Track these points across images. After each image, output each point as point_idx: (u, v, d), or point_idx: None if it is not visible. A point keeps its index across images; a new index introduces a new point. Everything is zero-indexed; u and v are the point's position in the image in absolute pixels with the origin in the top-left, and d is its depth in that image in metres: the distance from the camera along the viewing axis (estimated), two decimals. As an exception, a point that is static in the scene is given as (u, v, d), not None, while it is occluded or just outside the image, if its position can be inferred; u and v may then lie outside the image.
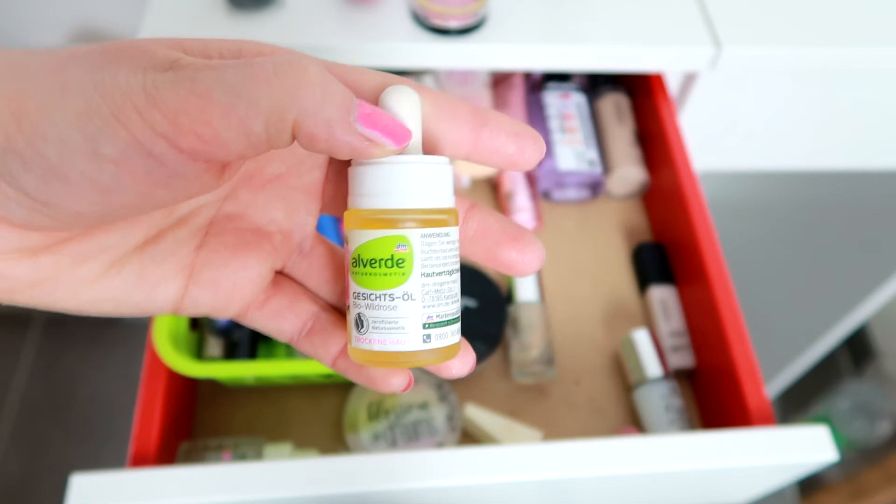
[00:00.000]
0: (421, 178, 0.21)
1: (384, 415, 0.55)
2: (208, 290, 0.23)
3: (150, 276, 0.23)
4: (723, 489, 0.53)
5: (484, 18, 0.62)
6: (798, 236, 1.25)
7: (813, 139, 0.79)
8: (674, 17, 0.66)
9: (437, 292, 0.21)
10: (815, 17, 0.67)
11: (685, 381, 0.62)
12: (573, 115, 0.70)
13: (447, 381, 0.57)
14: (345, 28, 0.61)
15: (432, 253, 0.21)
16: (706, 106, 0.73)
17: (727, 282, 0.56)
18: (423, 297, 0.21)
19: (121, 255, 0.22)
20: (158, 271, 0.23)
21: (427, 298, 0.21)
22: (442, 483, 0.42)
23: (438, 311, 0.21)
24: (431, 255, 0.21)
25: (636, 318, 0.65)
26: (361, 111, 0.19)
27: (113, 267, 0.22)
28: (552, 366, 0.59)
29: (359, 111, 0.19)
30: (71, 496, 0.41)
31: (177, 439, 0.53)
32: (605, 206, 0.72)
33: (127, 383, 1.42)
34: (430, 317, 0.21)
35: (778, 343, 1.29)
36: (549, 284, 0.66)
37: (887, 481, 1.30)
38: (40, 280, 0.21)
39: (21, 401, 1.40)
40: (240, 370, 0.52)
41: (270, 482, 0.41)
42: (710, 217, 0.60)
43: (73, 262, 0.21)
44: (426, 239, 0.21)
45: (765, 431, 0.46)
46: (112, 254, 0.22)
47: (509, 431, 0.55)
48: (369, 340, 0.21)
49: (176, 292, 0.23)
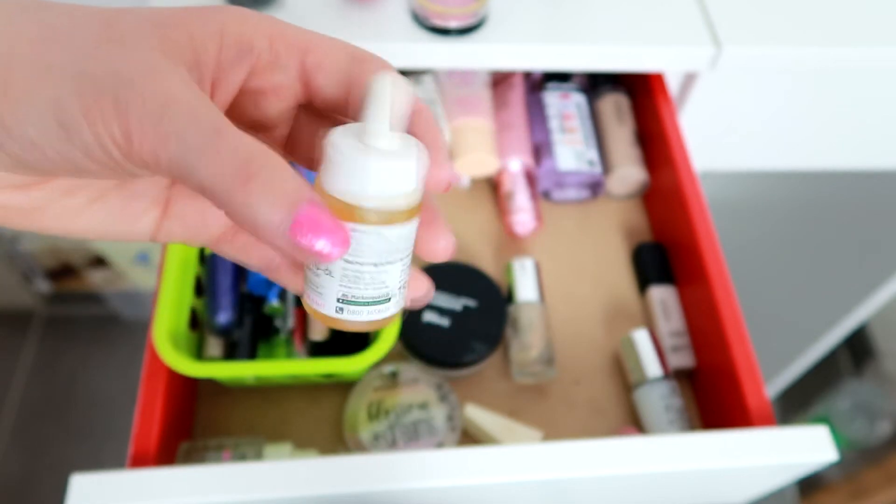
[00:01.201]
0: (367, 177, 0.22)
1: (384, 415, 0.55)
2: (179, 222, 0.26)
3: (130, 209, 0.25)
4: (723, 489, 0.53)
5: (484, 18, 0.62)
6: (798, 236, 1.25)
7: (813, 139, 0.80)
8: (674, 16, 0.66)
9: (356, 278, 0.23)
10: (815, 17, 0.67)
11: (685, 381, 0.62)
12: (573, 115, 0.70)
13: (447, 382, 0.57)
14: (345, 28, 0.61)
15: (357, 245, 0.22)
16: (706, 106, 0.73)
17: (727, 282, 0.56)
18: (340, 277, 0.23)
19: (103, 191, 0.24)
20: (137, 205, 0.25)
21: (345, 280, 0.23)
22: (442, 483, 0.42)
23: (354, 293, 0.24)
24: (357, 246, 0.22)
25: (636, 318, 0.65)
26: (297, 221, 0.20)
27: (97, 200, 0.24)
28: (552, 366, 0.59)
29: (293, 221, 0.20)
30: (71, 496, 0.41)
31: (177, 439, 0.53)
32: (605, 206, 0.72)
33: (127, 383, 1.43)
34: (346, 294, 0.24)
35: (778, 343, 1.29)
36: (549, 284, 0.66)
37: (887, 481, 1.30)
38: (32, 209, 0.23)
39: (21, 401, 1.40)
40: (240, 370, 0.52)
41: (270, 482, 0.41)
42: (710, 217, 0.60)
43: (60, 195, 0.23)
44: (352, 233, 0.22)
45: (765, 432, 0.46)
46: (95, 189, 0.24)
47: (509, 431, 0.55)
48: (307, 293, 0.24)
49: (152, 224, 0.25)
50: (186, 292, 0.53)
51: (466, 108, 0.68)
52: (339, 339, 0.58)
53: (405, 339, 0.58)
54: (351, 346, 0.57)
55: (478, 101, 0.69)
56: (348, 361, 0.50)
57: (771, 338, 1.28)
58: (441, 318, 0.58)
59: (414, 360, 0.59)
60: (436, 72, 0.71)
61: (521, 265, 0.62)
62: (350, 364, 0.50)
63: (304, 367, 0.52)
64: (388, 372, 0.57)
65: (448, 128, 0.67)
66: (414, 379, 0.57)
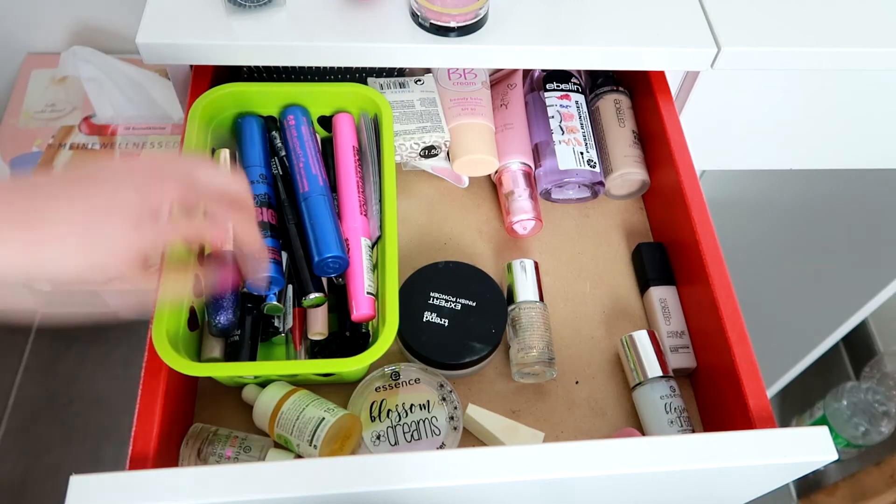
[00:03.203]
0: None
1: (386, 415, 0.55)
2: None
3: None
4: (723, 489, 0.53)
5: (484, 18, 0.62)
6: (798, 236, 1.25)
7: (813, 138, 0.80)
8: (674, 17, 0.66)
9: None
10: (815, 17, 0.67)
11: (685, 381, 0.62)
12: (573, 115, 0.70)
13: (449, 381, 0.57)
14: (345, 28, 0.61)
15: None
16: (706, 106, 0.73)
17: (727, 282, 0.56)
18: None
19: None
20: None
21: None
22: (443, 483, 0.42)
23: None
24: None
25: (636, 318, 0.65)
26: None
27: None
28: (552, 366, 0.59)
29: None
30: (70, 497, 0.40)
31: (177, 440, 0.53)
32: (605, 206, 0.72)
33: (127, 383, 1.42)
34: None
35: (778, 343, 1.29)
36: (549, 284, 0.66)
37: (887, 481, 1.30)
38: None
39: (21, 401, 1.40)
40: (240, 370, 0.52)
41: (271, 483, 0.41)
42: (710, 217, 0.60)
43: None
44: None
45: (765, 432, 0.46)
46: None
47: (512, 432, 0.55)
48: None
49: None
50: (186, 292, 0.53)
51: (466, 108, 0.68)
52: (337, 338, 0.58)
53: (405, 340, 0.58)
54: (350, 345, 0.57)
55: (478, 101, 0.69)
56: (348, 361, 0.50)
57: (771, 338, 1.28)
58: (441, 318, 0.58)
59: (414, 361, 0.59)
60: (436, 72, 0.71)
61: (521, 265, 0.62)
62: (349, 364, 0.50)
63: (303, 367, 0.52)
64: (389, 372, 0.57)
65: (448, 128, 0.67)
66: (415, 379, 0.57)
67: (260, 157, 0.59)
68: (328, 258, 0.55)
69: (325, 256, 0.55)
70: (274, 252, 0.55)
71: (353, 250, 0.57)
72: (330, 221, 0.57)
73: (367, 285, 0.56)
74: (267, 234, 0.56)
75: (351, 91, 0.62)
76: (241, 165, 0.59)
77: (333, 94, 0.63)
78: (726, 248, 0.60)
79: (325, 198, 0.58)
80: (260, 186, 0.58)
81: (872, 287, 1.05)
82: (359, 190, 0.59)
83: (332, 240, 0.56)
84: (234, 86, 0.60)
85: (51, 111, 1.08)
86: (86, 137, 1.05)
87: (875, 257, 1.05)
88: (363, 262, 0.57)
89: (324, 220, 0.56)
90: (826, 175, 1.12)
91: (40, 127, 1.08)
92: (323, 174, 0.59)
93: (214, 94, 0.59)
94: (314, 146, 0.61)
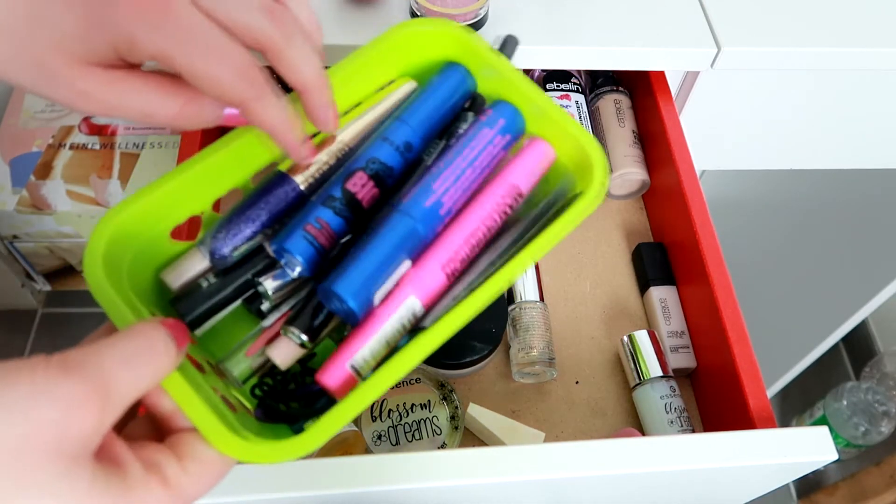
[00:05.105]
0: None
1: (386, 415, 0.55)
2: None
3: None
4: (723, 489, 0.53)
5: (484, 18, 0.62)
6: (798, 236, 1.25)
7: (813, 138, 0.80)
8: (674, 17, 0.66)
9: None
10: (815, 17, 0.67)
11: (685, 381, 0.62)
12: (573, 115, 0.70)
13: (449, 381, 0.57)
14: (345, 28, 0.61)
15: None
16: (706, 106, 0.73)
17: (727, 282, 0.56)
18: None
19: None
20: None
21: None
22: (444, 483, 0.42)
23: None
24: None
25: (636, 318, 0.65)
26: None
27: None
28: (552, 366, 0.59)
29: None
30: (71, 496, 0.40)
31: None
32: (605, 206, 0.72)
33: (127, 383, 1.42)
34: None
35: (778, 343, 1.29)
36: (549, 284, 0.66)
37: (887, 481, 1.30)
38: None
39: (21, 401, 1.40)
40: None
41: (271, 482, 0.41)
42: (710, 217, 0.60)
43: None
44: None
45: (765, 432, 0.46)
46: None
47: (513, 431, 0.55)
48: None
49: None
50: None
51: (467, 108, 0.67)
52: (287, 384, 0.40)
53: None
54: (288, 400, 0.45)
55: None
56: (247, 448, 0.35)
57: (771, 338, 1.28)
58: (441, 319, 0.58)
59: (414, 361, 0.59)
60: (436, 72, 0.71)
61: (522, 265, 0.62)
62: (246, 453, 0.39)
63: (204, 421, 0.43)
64: (388, 372, 0.57)
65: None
66: (416, 378, 0.57)
67: (426, 124, 0.40)
68: (334, 296, 0.35)
69: (335, 291, 0.35)
70: (329, 232, 0.37)
71: (385, 306, 0.36)
72: (384, 259, 0.36)
73: (360, 359, 0.35)
74: (337, 202, 0.37)
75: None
76: (395, 115, 0.41)
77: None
78: (726, 248, 0.60)
79: (415, 231, 0.37)
80: (392, 154, 0.39)
81: (872, 287, 1.05)
82: (473, 244, 0.37)
83: (360, 281, 0.35)
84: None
85: (51, 111, 1.08)
86: (85, 137, 1.05)
87: (875, 257, 1.05)
88: (381, 327, 0.35)
89: (376, 251, 0.36)
90: (826, 175, 1.12)
91: (40, 127, 1.08)
92: (457, 205, 0.38)
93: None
94: (487, 164, 0.39)
